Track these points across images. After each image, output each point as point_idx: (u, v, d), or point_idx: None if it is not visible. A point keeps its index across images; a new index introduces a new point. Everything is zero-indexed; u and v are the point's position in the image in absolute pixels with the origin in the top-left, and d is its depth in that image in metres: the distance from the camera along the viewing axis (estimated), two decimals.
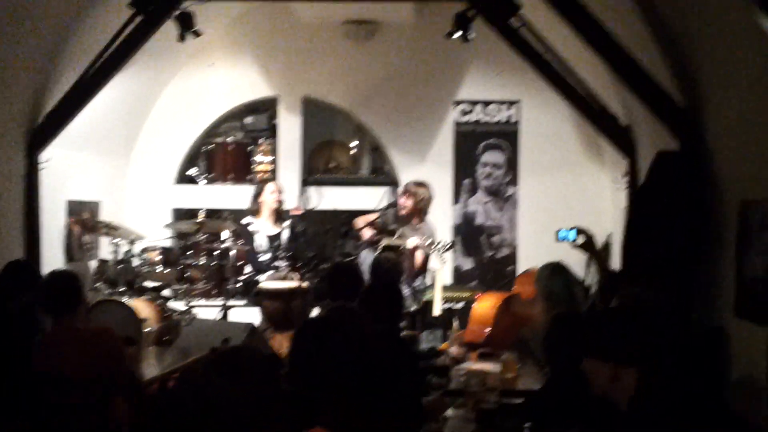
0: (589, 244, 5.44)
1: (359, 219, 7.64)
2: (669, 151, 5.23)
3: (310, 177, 8.60)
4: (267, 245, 7.48)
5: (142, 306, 6.50)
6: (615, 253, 7.49)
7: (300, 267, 7.17)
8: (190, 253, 7.91)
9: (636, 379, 2.89)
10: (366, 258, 7.04)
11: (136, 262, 6.98)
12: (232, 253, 7.28)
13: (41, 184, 6.32)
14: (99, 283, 6.87)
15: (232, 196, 8.47)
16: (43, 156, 6.31)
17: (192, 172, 8.80)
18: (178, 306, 7.08)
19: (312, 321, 5.19)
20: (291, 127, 8.59)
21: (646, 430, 2.87)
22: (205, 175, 8.74)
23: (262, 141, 8.61)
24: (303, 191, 8.50)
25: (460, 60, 8.38)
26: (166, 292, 7.17)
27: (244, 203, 7.94)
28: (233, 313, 7.27)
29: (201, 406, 2.67)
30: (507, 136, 8.52)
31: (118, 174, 8.36)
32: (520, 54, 6.26)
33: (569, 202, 8.24)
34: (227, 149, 8.69)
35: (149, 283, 7.07)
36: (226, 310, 7.18)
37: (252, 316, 7.28)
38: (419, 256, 7.09)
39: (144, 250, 7.14)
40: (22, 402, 4.22)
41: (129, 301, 6.46)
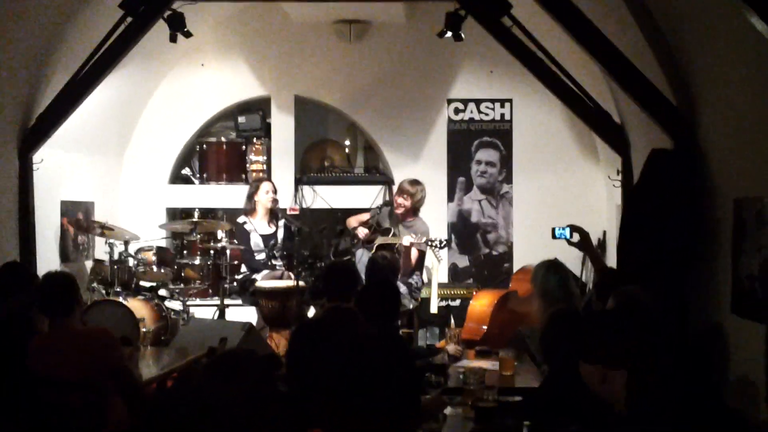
0: (584, 242, 5.44)
1: (351, 219, 7.65)
2: (663, 149, 5.25)
3: (304, 176, 8.60)
4: (262, 244, 7.48)
5: (138, 306, 6.51)
6: (610, 250, 7.53)
7: (295, 266, 7.17)
8: (186, 252, 7.92)
9: (625, 380, 2.91)
10: (362, 257, 7.04)
11: (131, 262, 6.97)
12: (228, 252, 7.28)
13: (35, 185, 6.30)
14: (95, 284, 6.86)
15: (225, 195, 8.47)
16: (37, 157, 6.30)
17: (186, 171, 8.79)
18: (174, 306, 7.09)
19: (308, 323, 5.20)
20: (284, 126, 8.58)
21: (644, 428, 2.88)
22: (198, 175, 8.72)
23: (255, 140, 8.59)
24: (297, 190, 8.50)
25: (453, 59, 8.39)
26: (162, 292, 7.17)
27: (237, 203, 7.94)
28: (230, 312, 7.28)
29: (198, 408, 2.67)
30: (500, 134, 8.53)
31: (112, 174, 8.33)
32: (512, 52, 6.26)
33: (564, 199, 8.27)
34: (221, 149, 8.68)
35: (145, 283, 7.07)
36: (222, 310, 7.18)
37: (249, 315, 7.30)
38: (414, 254, 7.10)
39: (139, 250, 7.14)
40: (19, 404, 4.20)
41: (125, 302, 6.47)
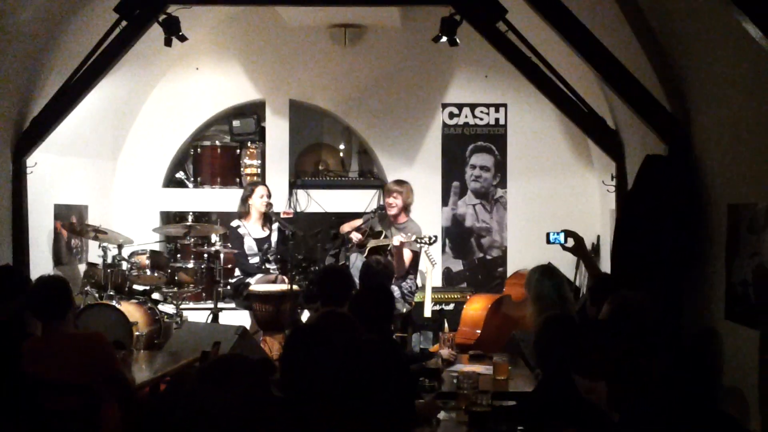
0: (578, 247, 5.45)
1: (345, 225, 7.64)
2: (657, 155, 5.26)
3: (299, 180, 8.59)
4: (256, 248, 7.47)
5: (131, 310, 6.49)
6: (604, 255, 7.54)
7: (289, 270, 7.17)
8: (180, 256, 7.91)
9: (606, 391, 3.02)
10: (355, 261, 7.04)
11: (125, 265, 6.96)
12: (222, 256, 7.27)
13: (28, 188, 6.28)
14: (88, 287, 6.84)
15: (219, 199, 8.46)
16: (30, 160, 6.28)
17: (180, 175, 8.77)
18: (167, 309, 7.07)
19: (302, 328, 5.19)
20: (278, 130, 8.57)
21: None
22: (192, 179, 8.71)
23: (249, 144, 8.58)
24: (291, 194, 8.49)
25: (447, 63, 8.41)
26: (156, 296, 7.16)
27: (232, 206, 7.93)
28: (223, 316, 7.27)
29: (192, 412, 2.67)
30: (495, 139, 8.54)
31: (106, 178, 8.32)
32: (507, 57, 6.27)
33: (558, 204, 8.28)
34: (215, 152, 8.66)
35: (138, 287, 7.06)
36: (216, 313, 7.17)
37: (242, 318, 7.29)
38: (408, 255, 7.10)
39: (133, 254, 7.12)
40: (13, 407, 4.19)
41: (118, 305, 6.45)
